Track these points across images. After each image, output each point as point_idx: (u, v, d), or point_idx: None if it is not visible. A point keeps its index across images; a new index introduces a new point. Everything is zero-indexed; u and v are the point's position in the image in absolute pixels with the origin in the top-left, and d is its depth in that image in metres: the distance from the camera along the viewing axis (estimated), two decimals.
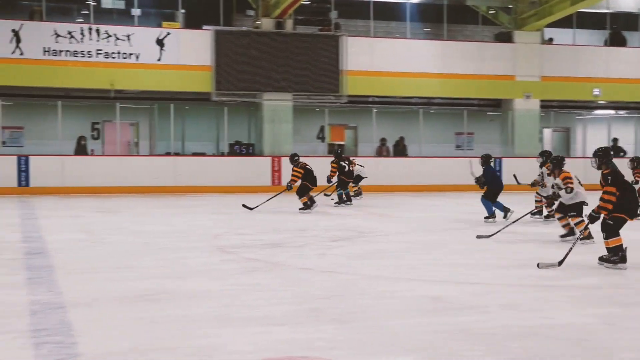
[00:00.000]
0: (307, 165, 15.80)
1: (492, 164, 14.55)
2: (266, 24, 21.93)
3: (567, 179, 11.03)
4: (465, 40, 24.92)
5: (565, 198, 11.04)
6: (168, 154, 21.77)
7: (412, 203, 18.62)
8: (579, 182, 11.23)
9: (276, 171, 21.08)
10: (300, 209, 15.28)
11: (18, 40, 19.67)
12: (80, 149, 21.02)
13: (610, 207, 8.48)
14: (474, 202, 18.15)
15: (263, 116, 22.08)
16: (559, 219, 11.38)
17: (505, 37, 24.21)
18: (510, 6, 24.34)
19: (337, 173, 16.85)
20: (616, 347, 5.57)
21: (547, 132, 26.58)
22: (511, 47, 23.88)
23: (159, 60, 20.81)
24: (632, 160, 15.05)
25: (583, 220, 10.68)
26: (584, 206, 11.00)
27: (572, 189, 10.96)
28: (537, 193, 13.79)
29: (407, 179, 22.24)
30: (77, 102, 21.80)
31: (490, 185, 13.93)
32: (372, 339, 5.62)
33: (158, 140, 22.73)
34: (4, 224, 12.67)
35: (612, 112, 27.00)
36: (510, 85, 23.89)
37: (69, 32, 20.14)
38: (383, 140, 23.99)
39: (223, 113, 22.11)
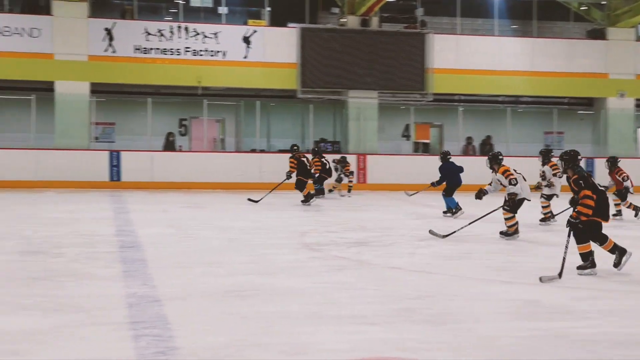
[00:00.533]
0: (303, 156, 16.31)
1: (450, 160, 15.11)
2: (352, 21, 21.90)
3: (507, 172, 11.29)
4: (555, 37, 24.31)
5: (513, 191, 11.24)
6: (253, 150, 21.99)
7: (499, 203, 18.22)
8: (523, 179, 11.34)
9: (361, 169, 21.01)
10: (302, 201, 15.55)
11: (111, 39, 20.21)
12: (169, 145, 21.45)
13: (590, 212, 8.15)
14: (564, 202, 17.69)
15: (348, 114, 22.06)
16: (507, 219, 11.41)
17: (597, 34, 23.50)
18: (604, 2, 23.61)
19: (320, 170, 17.29)
20: None
21: None
22: (604, 44, 23.16)
23: (245, 57, 21.03)
24: (608, 160, 15.03)
25: (514, 217, 11.28)
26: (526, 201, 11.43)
27: (516, 180, 11.19)
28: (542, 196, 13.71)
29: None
30: (165, 99, 22.27)
31: (448, 181, 14.42)
32: (465, 341, 5.51)
33: (244, 136, 22.99)
34: (98, 217, 13.03)
35: None
36: (603, 83, 23.18)
37: (159, 30, 20.58)
38: (469, 139, 23.64)
39: (308, 110, 22.19)
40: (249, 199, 15.92)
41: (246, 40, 21.16)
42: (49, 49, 19.83)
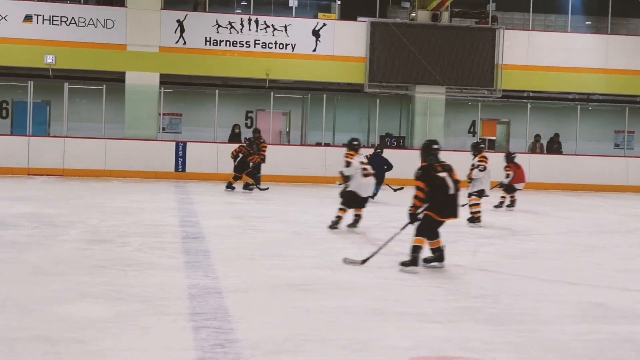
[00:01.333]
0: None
1: (381, 155, 15.95)
2: (422, 16, 21.71)
3: (482, 159, 12.36)
4: (630, 34, 23.63)
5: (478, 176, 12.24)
6: (319, 144, 22.02)
7: (568, 202, 17.90)
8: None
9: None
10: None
11: (182, 30, 20.49)
12: (234, 137, 21.64)
13: (417, 202, 7.91)
14: (634, 203, 17.25)
15: (415, 109, 21.90)
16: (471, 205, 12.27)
17: None
18: None
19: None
20: None
21: None
22: None
23: (314, 50, 21.06)
24: (506, 155, 15.55)
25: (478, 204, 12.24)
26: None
27: (484, 167, 12.02)
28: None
29: (562, 178, 21.42)
30: (232, 91, 22.46)
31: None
32: (530, 343, 5.41)
33: (309, 130, 23.04)
34: (163, 207, 13.23)
35: None
36: None
37: (230, 23, 20.76)
38: (537, 137, 23.20)
39: (375, 104, 22.11)
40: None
41: (316, 33, 21.18)
42: (122, 40, 20.22)
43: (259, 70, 20.86)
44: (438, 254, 8.20)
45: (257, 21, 20.89)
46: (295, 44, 20.98)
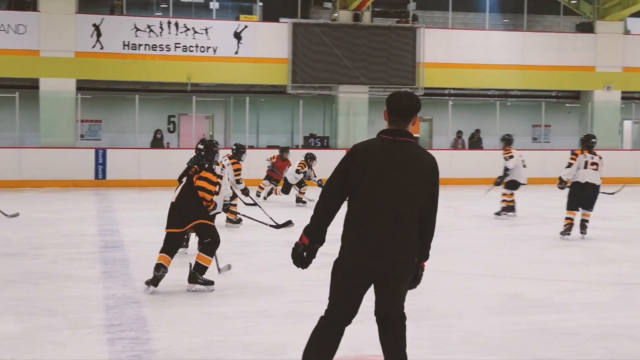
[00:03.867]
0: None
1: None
2: (343, 16, 21.80)
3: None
4: (545, 31, 24.27)
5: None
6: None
7: (488, 197, 18.23)
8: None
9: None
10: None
11: (99, 35, 20.04)
12: (157, 142, 21.34)
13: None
14: (551, 195, 17.69)
15: (338, 109, 21.99)
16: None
17: (586, 28, 23.45)
18: None
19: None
20: None
21: (628, 124, 25.66)
22: (592, 37, 23.12)
23: (236, 53, 20.91)
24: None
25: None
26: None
27: (569, 165, 11.01)
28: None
29: (484, 172, 21.81)
30: (154, 96, 22.13)
31: None
32: (448, 337, 5.49)
33: (233, 132, 22.89)
34: (82, 217, 12.84)
35: None
36: (591, 76, 23.14)
37: (149, 26, 20.43)
38: (459, 133, 23.61)
39: (298, 105, 22.10)
40: None
41: (237, 35, 21.03)
42: (35, 45, 19.64)
43: (181, 74, 20.60)
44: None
45: (177, 24, 20.62)
46: (216, 47, 20.80)
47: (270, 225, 9.12)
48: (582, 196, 10.71)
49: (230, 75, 21.05)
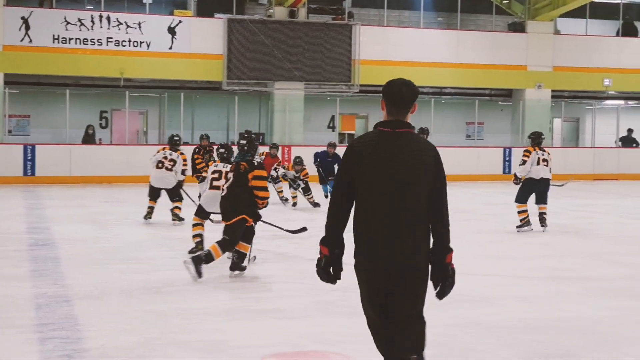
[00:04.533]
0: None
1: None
2: (279, 12, 21.74)
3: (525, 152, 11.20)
4: (478, 30, 24.67)
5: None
6: None
7: None
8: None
9: (286, 160, 20.93)
10: None
11: (27, 28, 19.52)
12: (88, 138, 20.89)
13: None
14: (485, 192, 18.04)
15: (274, 105, 21.93)
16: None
17: (518, 27, 23.93)
18: None
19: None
20: (627, 340, 5.49)
21: (557, 122, 26.35)
22: (524, 37, 23.61)
23: (170, 48, 20.64)
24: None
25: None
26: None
27: (523, 162, 10.99)
28: None
29: None
30: (85, 91, 21.67)
31: None
32: None
33: (167, 129, 22.59)
34: (9, 214, 12.47)
35: (621, 102, 26.75)
36: (523, 75, 23.63)
37: (79, 20, 19.98)
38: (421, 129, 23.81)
39: (234, 102, 21.95)
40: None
41: (171, 30, 20.75)
42: None
43: (113, 69, 20.22)
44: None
45: (108, 18, 20.23)
46: (150, 42, 20.49)
47: (286, 231, 8.88)
48: (537, 191, 11.13)
49: (164, 71, 20.77)
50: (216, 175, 8.58)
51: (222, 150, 8.95)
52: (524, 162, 11.10)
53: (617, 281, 7.62)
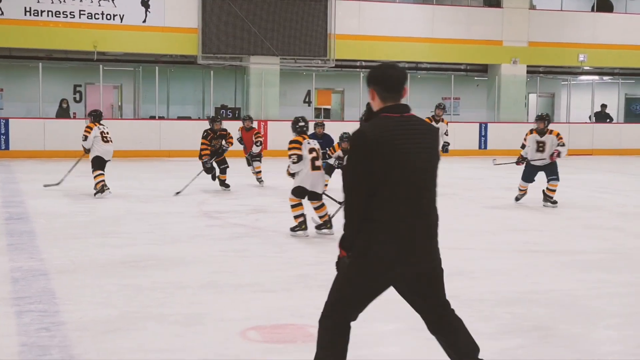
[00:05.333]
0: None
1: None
2: None
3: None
4: (454, 4, 24.64)
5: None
6: (152, 117, 21.49)
7: None
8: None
9: (262, 135, 20.86)
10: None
11: None
12: (62, 112, 20.68)
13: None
14: (461, 167, 18.14)
15: (249, 80, 21.82)
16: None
17: (494, 2, 23.97)
18: None
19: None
20: (602, 312, 5.57)
21: (533, 98, 26.52)
22: (499, 12, 23.65)
23: (143, 21, 20.42)
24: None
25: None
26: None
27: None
28: None
29: None
30: (59, 64, 21.41)
31: None
32: None
33: (142, 103, 22.43)
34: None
35: (596, 77, 26.96)
36: (498, 50, 23.71)
37: None
38: (368, 105, 23.76)
39: (209, 76, 21.81)
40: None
41: (145, 3, 20.51)
42: None
43: (86, 42, 19.98)
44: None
45: None
46: (123, 15, 20.24)
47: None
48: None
49: (138, 45, 20.56)
50: (314, 154, 8.43)
51: (302, 124, 8.63)
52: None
53: (591, 254, 7.73)
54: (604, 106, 25.26)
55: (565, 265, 7.10)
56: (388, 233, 3.39)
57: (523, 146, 11.46)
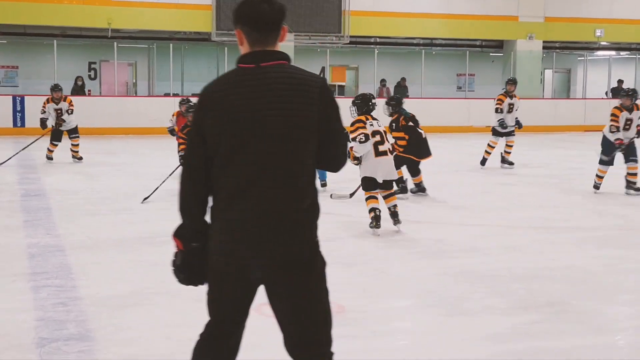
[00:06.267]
0: None
1: None
2: None
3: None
4: None
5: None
6: (167, 94, 21.51)
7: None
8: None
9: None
10: None
11: None
12: (78, 89, 20.75)
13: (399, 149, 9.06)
14: (475, 143, 18.04)
15: None
16: None
17: None
18: None
19: None
20: (617, 288, 5.57)
21: (549, 73, 26.29)
22: None
23: None
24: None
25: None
26: None
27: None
28: None
29: None
30: (73, 41, 21.43)
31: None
32: (375, 282, 5.58)
33: (157, 80, 22.44)
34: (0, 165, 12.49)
35: (613, 53, 26.68)
36: (514, 26, 23.49)
37: None
38: (383, 82, 23.71)
39: (223, 53, 21.78)
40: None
41: None
42: None
43: (101, 20, 19.97)
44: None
45: None
46: None
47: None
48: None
49: (152, 22, 20.52)
50: (378, 138, 7.24)
51: (358, 101, 7.69)
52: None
53: (607, 231, 7.70)
54: (620, 82, 25.00)
55: (582, 242, 7.08)
56: (218, 224, 2.66)
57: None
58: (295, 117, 2.57)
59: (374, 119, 7.45)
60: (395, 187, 7.62)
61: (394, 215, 7.34)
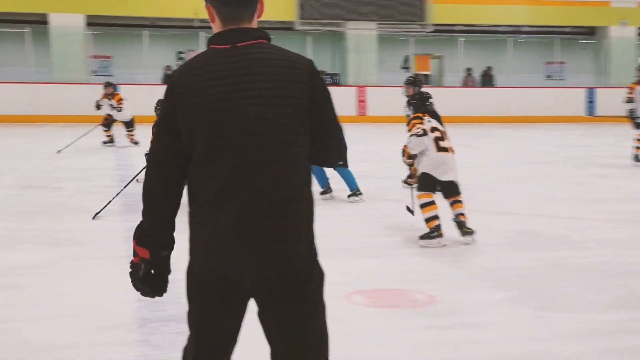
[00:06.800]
0: None
1: None
2: None
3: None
4: None
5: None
6: None
7: (499, 135, 18.20)
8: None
9: (361, 101, 20.87)
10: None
11: None
12: (167, 79, 21.21)
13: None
14: (564, 134, 17.65)
15: (347, 45, 21.80)
16: None
17: None
18: None
19: None
20: None
21: None
22: None
23: None
24: None
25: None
26: None
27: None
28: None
29: (494, 110, 21.73)
30: (162, 32, 21.94)
31: None
32: (465, 273, 5.54)
33: None
34: (98, 151, 13.00)
35: None
36: (605, 11, 22.82)
37: None
38: (469, 70, 23.42)
39: (306, 42, 21.92)
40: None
41: None
42: None
43: (187, 10, 20.38)
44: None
45: None
46: None
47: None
48: None
49: None
50: (438, 133, 6.58)
51: (415, 101, 7.01)
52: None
53: None
54: None
55: None
56: (201, 233, 2.28)
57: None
58: (281, 106, 2.21)
59: (432, 117, 6.77)
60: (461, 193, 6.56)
61: (461, 225, 6.34)
